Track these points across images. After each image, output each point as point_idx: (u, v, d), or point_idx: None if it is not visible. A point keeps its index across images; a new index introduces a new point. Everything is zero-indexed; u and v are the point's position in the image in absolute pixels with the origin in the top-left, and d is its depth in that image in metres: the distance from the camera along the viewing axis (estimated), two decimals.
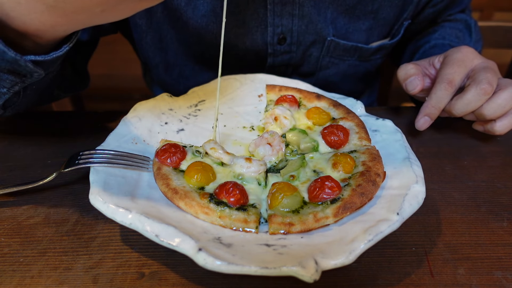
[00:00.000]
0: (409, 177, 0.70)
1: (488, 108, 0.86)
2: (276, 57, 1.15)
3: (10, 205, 0.75)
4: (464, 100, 0.87)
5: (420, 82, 0.93)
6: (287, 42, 1.11)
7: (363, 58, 1.21)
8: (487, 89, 0.84)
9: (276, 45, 1.11)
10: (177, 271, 0.63)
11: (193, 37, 1.10)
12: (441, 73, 0.92)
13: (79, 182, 0.81)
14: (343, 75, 1.25)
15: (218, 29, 1.06)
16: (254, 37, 1.10)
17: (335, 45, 1.14)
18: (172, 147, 0.76)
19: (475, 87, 0.85)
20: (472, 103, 0.86)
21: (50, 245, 0.67)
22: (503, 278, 0.63)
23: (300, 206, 0.67)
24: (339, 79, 1.26)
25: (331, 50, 1.16)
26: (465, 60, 0.91)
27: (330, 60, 1.19)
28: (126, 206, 0.62)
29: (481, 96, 0.85)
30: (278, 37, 1.09)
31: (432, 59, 1.00)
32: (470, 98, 0.86)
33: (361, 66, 1.24)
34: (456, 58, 0.91)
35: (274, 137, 0.82)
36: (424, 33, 1.29)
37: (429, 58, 1.01)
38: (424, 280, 0.62)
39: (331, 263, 0.55)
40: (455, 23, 1.27)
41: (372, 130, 0.87)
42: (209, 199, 0.67)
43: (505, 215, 0.75)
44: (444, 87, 0.89)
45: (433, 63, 0.99)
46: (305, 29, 1.09)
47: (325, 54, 1.17)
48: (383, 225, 0.60)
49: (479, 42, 1.27)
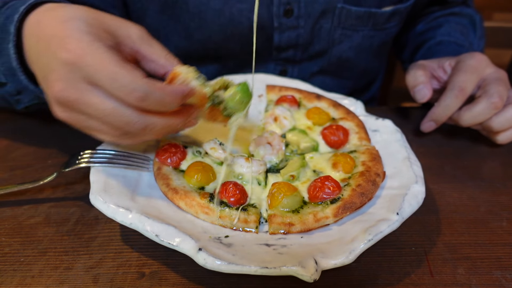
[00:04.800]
0: (409, 177, 0.70)
1: (497, 122, 0.86)
2: (283, 33, 1.07)
3: (11, 205, 0.75)
4: (473, 112, 0.86)
5: (429, 92, 0.91)
6: (294, 14, 1.04)
7: (378, 26, 1.12)
8: (498, 103, 0.83)
9: (282, 17, 1.04)
10: (177, 271, 0.63)
11: (194, 21, 1.06)
12: (452, 80, 0.89)
13: (80, 182, 0.81)
14: (358, 49, 1.17)
15: (220, 4, 1.02)
16: (259, 11, 1.02)
17: (346, 13, 1.06)
18: (172, 147, 0.76)
19: (486, 100, 0.84)
20: (481, 116, 0.86)
21: (51, 245, 0.67)
22: (502, 278, 0.63)
23: (300, 206, 0.67)
24: (354, 54, 1.17)
25: (343, 19, 1.07)
26: (478, 68, 0.89)
27: (343, 32, 1.11)
28: (126, 206, 0.62)
29: (491, 110, 0.84)
30: (284, 8, 1.03)
31: (442, 61, 0.97)
32: (479, 110, 0.85)
33: (376, 36, 1.16)
34: (469, 65, 0.89)
35: (274, 136, 0.83)
36: (429, 27, 1.25)
37: (438, 59, 0.99)
38: (423, 279, 0.62)
39: (331, 263, 0.55)
40: (460, 18, 1.24)
41: (372, 130, 0.87)
42: (209, 199, 0.67)
43: (504, 215, 0.75)
44: (455, 95, 0.87)
45: (443, 66, 0.97)
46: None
47: (337, 25, 1.08)
48: (382, 225, 0.60)
49: (483, 39, 1.25)
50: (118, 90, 0.54)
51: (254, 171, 0.74)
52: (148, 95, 0.54)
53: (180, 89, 0.59)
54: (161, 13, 1.08)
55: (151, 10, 1.08)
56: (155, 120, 0.59)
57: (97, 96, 0.55)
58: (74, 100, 0.56)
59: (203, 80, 0.63)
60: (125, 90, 0.53)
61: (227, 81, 0.68)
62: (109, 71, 0.53)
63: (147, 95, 0.54)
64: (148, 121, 0.58)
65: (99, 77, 0.54)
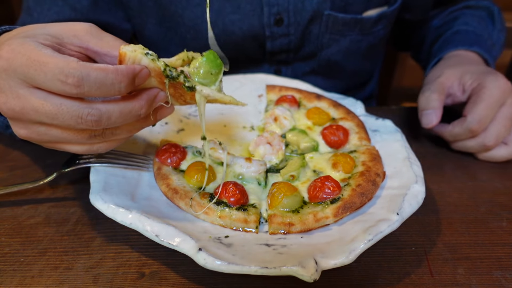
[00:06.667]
0: (409, 177, 0.70)
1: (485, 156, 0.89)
2: (275, 40, 1.10)
3: (11, 205, 0.75)
4: (465, 146, 0.89)
5: (437, 119, 0.88)
6: (284, 23, 1.07)
7: (365, 31, 1.13)
8: (491, 146, 0.86)
9: (273, 26, 1.07)
10: (177, 271, 0.63)
11: (190, 33, 1.09)
12: (472, 112, 0.85)
13: (79, 182, 0.81)
14: (345, 53, 1.18)
15: (213, 17, 1.04)
16: (251, 21, 1.06)
17: (333, 20, 1.08)
18: (172, 147, 0.76)
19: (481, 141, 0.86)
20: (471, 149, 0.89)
21: (51, 245, 0.67)
22: (502, 278, 0.63)
23: (300, 206, 0.67)
24: (343, 57, 1.19)
25: (330, 25, 1.09)
26: (500, 101, 0.84)
27: (331, 37, 1.12)
28: (126, 206, 0.62)
29: (481, 147, 0.87)
30: (275, 18, 1.05)
31: (464, 79, 0.91)
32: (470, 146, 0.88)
33: (364, 40, 1.17)
34: (491, 96, 0.84)
35: (273, 136, 0.83)
36: (444, 23, 1.22)
37: (460, 75, 0.93)
38: (423, 279, 0.62)
39: (331, 263, 0.55)
40: (475, 10, 1.19)
41: (372, 130, 0.87)
42: (209, 199, 0.67)
43: (504, 215, 0.75)
44: (469, 130, 0.85)
45: (464, 86, 0.91)
46: (302, 7, 1.05)
47: (325, 30, 1.10)
48: (383, 225, 0.60)
49: (503, 32, 1.19)
50: (53, 82, 0.51)
51: (254, 171, 0.74)
52: (84, 78, 0.51)
53: (125, 67, 0.54)
54: (159, 25, 1.12)
55: (150, 23, 1.12)
56: (109, 108, 0.55)
57: (39, 98, 0.53)
58: (20, 110, 0.54)
59: (153, 56, 0.57)
60: (60, 78, 0.50)
61: (191, 53, 0.63)
62: (40, 63, 0.50)
63: (83, 78, 0.51)
64: (100, 110, 0.54)
65: (32, 73, 0.51)
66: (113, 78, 0.52)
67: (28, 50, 0.52)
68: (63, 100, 0.53)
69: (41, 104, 0.53)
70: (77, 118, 0.53)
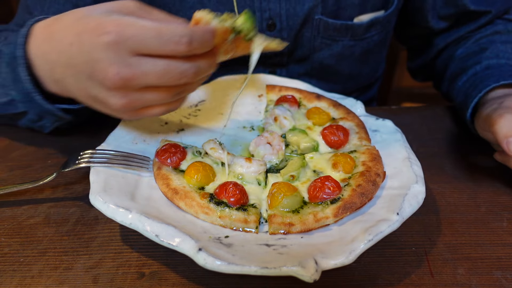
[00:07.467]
0: (409, 177, 0.70)
1: None
2: None
3: (10, 205, 0.75)
4: None
5: None
6: (276, 28, 1.08)
7: (357, 37, 1.13)
8: None
9: (266, 31, 1.08)
10: (177, 271, 0.63)
11: None
12: None
13: (79, 182, 0.81)
14: (338, 57, 1.17)
15: None
16: None
17: (324, 24, 1.09)
18: (172, 147, 0.76)
19: None
20: None
21: (50, 245, 0.67)
22: (502, 278, 0.63)
23: (300, 206, 0.67)
24: (335, 61, 1.19)
25: (321, 30, 1.10)
26: None
27: (322, 41, 1.13)
28: (126, 206, 0.62)
29: None
30: (267, 23, 1.07)
31: None
32: None
33: (357, 46, 1.16)
34: None
35: (273, 136, 0.83)
36: (470, 52, 1.09)
37: None
38: (424, 280, 0.62)
39: (331, 263, 0.55)
40: (507, 36, 1.07)
41: (372, 130, 0.87)
42: (209, 199, 0.67)
43: (504, 215, 0.75)
44: None
45: None
46: (293, 12, 1.05)
47: (316, 34, 1.11)
48: (383, 225, 0.60)
49: None
50: (166, 45, 0.57)
51: (254, 171, 0.74)
52: (193, 37, 0.58)
53: (211, 28, 0.62)
54: None
55: None
56: (202, 63, 0.63)
57: (148, 62, 0.59)
58: (131, 77, 0.59)
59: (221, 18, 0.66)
60: (174, 40, 0.57)
61: (229, 14, 0.70)
62: (153, 31, 0.57)
63: (192, 38, 0.58)
64: (197, 65, 0.62)
65: (145, 42, 0.57)
66: (209, 36, 0.61)
67: (133, 24, 0.58)
68: (170, 61, 0.60)
69: (151, 66, 0.59)
70: (181, 73, 0.61)
